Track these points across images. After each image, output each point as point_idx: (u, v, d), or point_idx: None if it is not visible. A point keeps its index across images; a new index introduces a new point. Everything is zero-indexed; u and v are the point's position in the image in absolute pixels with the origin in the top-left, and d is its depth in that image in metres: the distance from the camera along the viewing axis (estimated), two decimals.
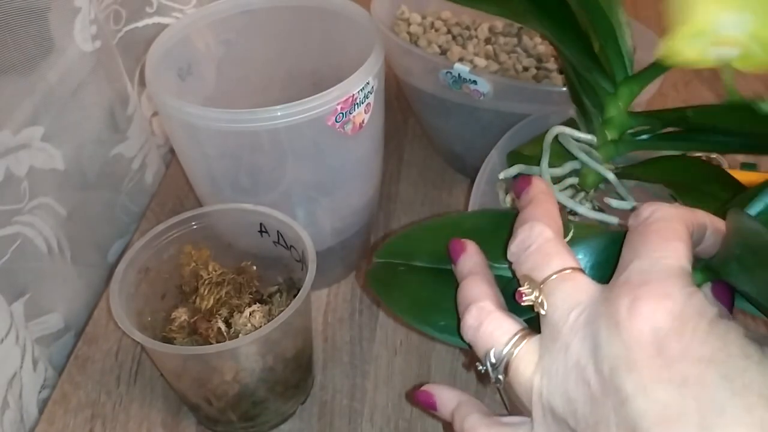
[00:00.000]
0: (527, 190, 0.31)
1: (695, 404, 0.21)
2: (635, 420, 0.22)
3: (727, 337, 0.23)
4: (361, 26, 0.49)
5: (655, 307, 0.23)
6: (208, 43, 0.52)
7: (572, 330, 0.25)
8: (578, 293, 0.26)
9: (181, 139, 0.47)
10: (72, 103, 0.50)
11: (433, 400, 0.32)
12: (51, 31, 0.47)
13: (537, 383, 0.26)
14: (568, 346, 0.25)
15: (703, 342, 0.22)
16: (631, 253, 0.26)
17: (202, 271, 0.45)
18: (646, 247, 0.25)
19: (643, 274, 0.24)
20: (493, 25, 0.65)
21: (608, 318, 0.24)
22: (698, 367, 0.22)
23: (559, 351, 0.25)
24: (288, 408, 0.46)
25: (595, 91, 0.38)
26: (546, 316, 0.26)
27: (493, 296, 0.29)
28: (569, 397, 0.24)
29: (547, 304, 0.26)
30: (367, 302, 0.53)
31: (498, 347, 0.27)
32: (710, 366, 0.22)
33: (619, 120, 0.37)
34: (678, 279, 0.24)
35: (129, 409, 0.47)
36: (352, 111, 0.43)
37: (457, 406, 0.31)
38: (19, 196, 0.45)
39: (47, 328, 0.50)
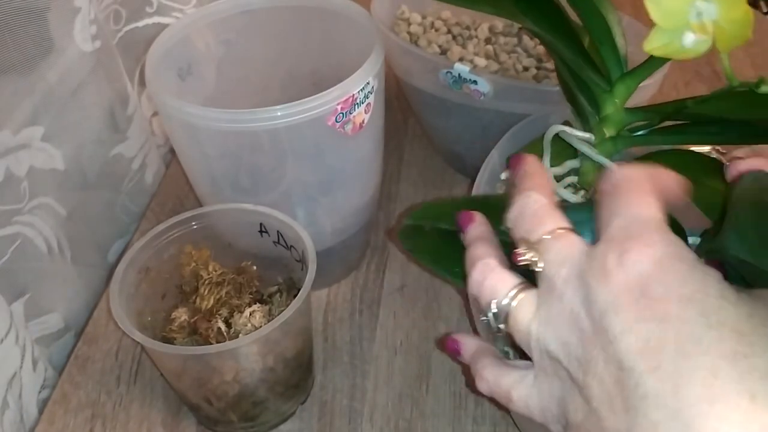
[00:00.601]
0: (521, 165, 0.34)
1: (674, 336, 0.23)
2: (621, 354, 0.24)
3: (705, 280, 0.25)
4: (361, 26, 0.49)
5: (640, 255, 0.25)
6: (208, 43, 0.52)
7: (565, 282, 0.27)
8: (569, 249, 0.28)
9: (181, 139, 0.47)
10: (72, 103, 0.50)
11: (458, 347, 0.35)
12: (51, 31, 0.47)
13: (534, 329, 0.28)
14: (561, 296, 0.27)
15: (682, 283, 0.25)
16: (608, 213, 0.28)
17: (202, 271, 0.45)
18: (622, 205, 0.28)
19: (626, 230, 0.27)
20: (494, 25, 0.65)
21: (598, 270, 0.26)
22: (678, 305, 0.24)
23: (554, 301, 0.28)
24: (288, 408, 0.46)
25: (590, 89, 0.38)
26: (541, 272, 0.29)
27: (496, 255, 0.32)
28: (564, 340, 0.27)
29: (542, 261, 0.29)
30: (367, 302, 0.53)
31: (499, 298, 0.30)
32: (689, 304, 0.24)
33: (616, 117, 0.37)
34: (657, 229, 0.26)
35: (129, 409, 0.47)
36: (353, 111, 0.43)
37: (475, 351, 0.34)
38: (19, 196, 0.45)
39: (47, 328, 0.50)
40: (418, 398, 0.47)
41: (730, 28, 0.28)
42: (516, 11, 0.37)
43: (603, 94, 0.37)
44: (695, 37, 0.28)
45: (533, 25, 0.36)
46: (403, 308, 0.53)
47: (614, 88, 0.37)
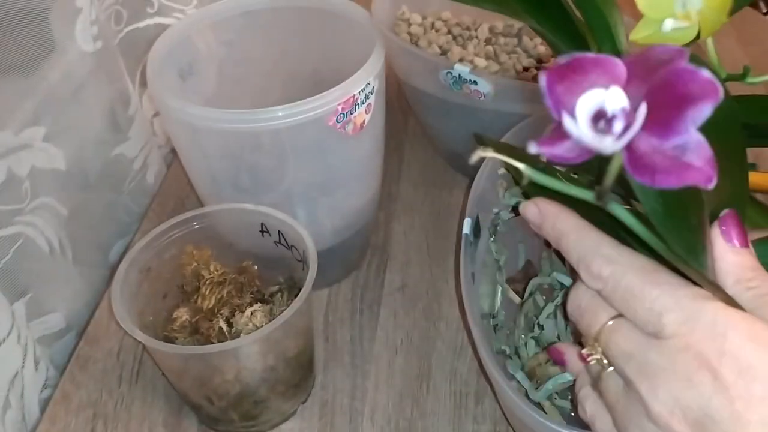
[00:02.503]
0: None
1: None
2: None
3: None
4: (362, 27, 0.49)
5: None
6: (209, 44, 0.52)
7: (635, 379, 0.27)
8: (628, 344, 0.28)
9: (182, 139, 0.47)
10: (73, 104, 0.50)
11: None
12: (52, 31, 0.47)
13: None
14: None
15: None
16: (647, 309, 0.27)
17: (203, 271, 0.46)
18: (654, 297, 0.27)
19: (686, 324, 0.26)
20: (494, 25, 0.65)
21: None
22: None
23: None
24: (289, 407, 0.46)
25: None
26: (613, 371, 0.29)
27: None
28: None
29: (606, 358, 0.29)
30: (367, 302, 0.53)
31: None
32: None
33: None
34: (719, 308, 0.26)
35: (130, 408, 0.47)
36: (353, 111, 0.43)
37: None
38: (20, 196, 0.45)
39: (49, 328, 0.50)
40: (418, 398, 0.47)
41: (711, 14, 0.28)
42: (519, 9, 0.37)
43: None
44: (675, 23, 0.29)
45: (536, 24, 0.36)
46: (403, 308, 0.53)
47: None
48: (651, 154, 0.20)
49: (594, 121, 0.21)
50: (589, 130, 0.21)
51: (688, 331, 0.25)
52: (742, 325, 0.25)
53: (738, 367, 0.24)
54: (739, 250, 0.28)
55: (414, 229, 0.59)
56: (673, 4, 0.29)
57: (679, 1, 0.29)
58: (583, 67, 0.22)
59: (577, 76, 0.22)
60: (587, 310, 0.30)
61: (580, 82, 0.21)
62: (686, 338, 0.25)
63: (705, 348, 0.25)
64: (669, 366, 0.26)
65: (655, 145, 0.20)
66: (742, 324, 0.25)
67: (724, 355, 0.24)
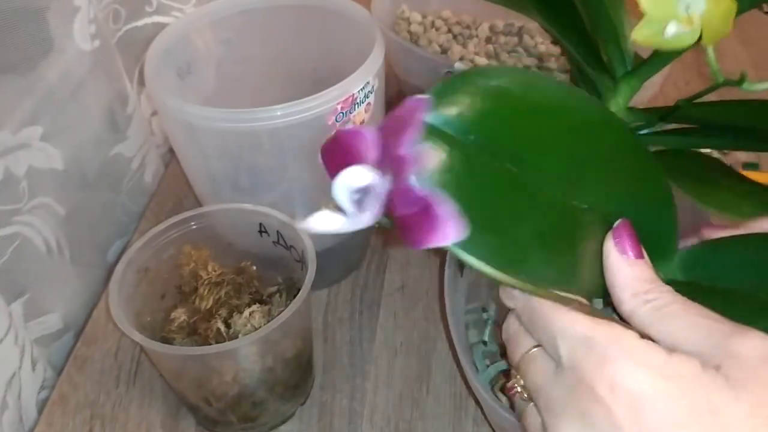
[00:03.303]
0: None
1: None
2: None
3: (699, 387, 0.23)
4: (362, 25, 0.49)
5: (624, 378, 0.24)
6: (208, 43, 0.52)
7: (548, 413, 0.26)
8: (537, 377, 0.27)
9: (180, 138, 0.47)
10: (71, 103, 0.50)
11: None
12: (50, 30, 0.47)
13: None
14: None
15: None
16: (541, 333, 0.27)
17: (201, 272, 0.45)
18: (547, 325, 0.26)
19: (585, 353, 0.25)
20: (494, 24, 0.65)
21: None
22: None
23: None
24: (288, 409, 0.46)
25: (596, 86, 0.37)
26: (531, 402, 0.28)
27: None
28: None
29: (525, 390, 0.28)
30: (367, 303, 0.53)
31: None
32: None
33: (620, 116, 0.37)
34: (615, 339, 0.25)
35: (128, 409, 0.47)
36: (353, 110, 0.43)
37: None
38: (18, 196, 0.45)
39: (46, 329, 0.50)
40: (418, 399, 0.47)
41: (714, 22, 0.28)
42: (527, 5, 0.37)
43: (607, 93, 0.37)
44: (678, 28, 0.28)
45: (543, 20, 0.36)
46: (403, 309, 0.53)
47: (618, 86, 0.37)
48: (403, 218, 0.21)
49: (351, 196, 0.22)
50: (349, 206, 0.22)
51: (581, 360, 0.24)
52: (633, 351, 0.24)
53: (629, 398, 0.23)
54: (634, 262, 0.27)
55: None
56: (676, 4, 0.28)
57: (683, 2, 0.28)
58: (343, 142, 0.22)
59: (341, 150, 0.22)
60: (512, 338, 0.29)
61: (343, 156, 0.22)
62: (580, 369, 0.24)
63: (596, 380, 0.24)
64: (568, 401, 0.25)
65: (403, 212, 0.21)
66: (633, 350, 0.24)
67: (614, 387, 0.23)
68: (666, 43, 0.29)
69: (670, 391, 0.23)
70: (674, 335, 0.25)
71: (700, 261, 0.29)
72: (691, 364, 0.23)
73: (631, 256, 0.27)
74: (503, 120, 0.26)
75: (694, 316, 0.25)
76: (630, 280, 0.26)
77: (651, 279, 0.26)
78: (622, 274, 0.26)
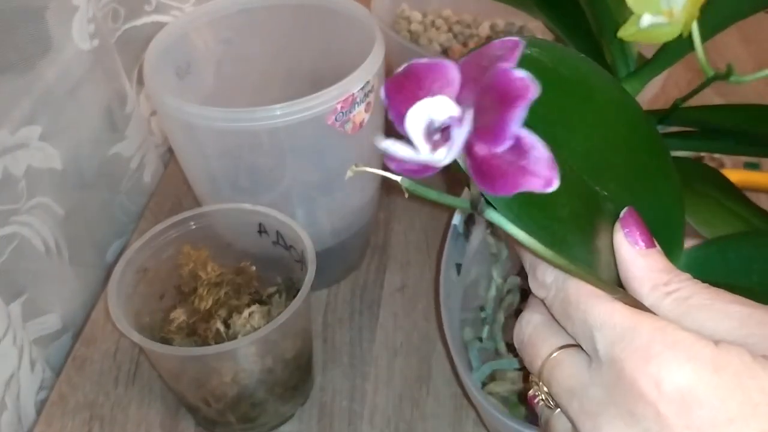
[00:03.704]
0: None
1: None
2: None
3: (750, 376, 0.22)
4: (362, 24, 0.49)
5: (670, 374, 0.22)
6: (207, 42, 0.52)
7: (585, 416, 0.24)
8: (570, 381, 0.25)
9: (179, 138, 0.47)
10: (70, 102, 0.50)
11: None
12: (49, 29, 0.46)
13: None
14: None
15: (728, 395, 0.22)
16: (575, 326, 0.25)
17: (200, 272, 0.45)
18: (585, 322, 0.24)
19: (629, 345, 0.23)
20: (495, 23, 0.65)
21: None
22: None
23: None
24: (287, 409, 0.46)
25: None
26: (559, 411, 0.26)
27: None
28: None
29: (550, 398, 0.26)
30: (367, 303, 0.53)
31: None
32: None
33: None
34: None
35: (127, 410, 0.47)
36: (352, 110, 0.43)
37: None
38: (16, 196, 0.45)
39: (45, 329, 0.50)
40: (418, 400, 0.47)
41: (690, 9, 0.28)
42: (531, 4, 0.36)
43: None
44: (653, 19, 0.28)
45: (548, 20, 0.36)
46: (403, 309, 0.53)
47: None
48: (489, 159, 0.19)
49: (427, 132, 0.20)
50: (423, 142, 0.19)
51: (621, 354, 0.22)
52: (679, 343, 0.22)
53: (678, 395, 0.21)
54: (647, 252, 0.25)
55: (414, 229, 0.59)
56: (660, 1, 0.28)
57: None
58: (417, 75, 0.21)
59: (413, 84, 0.21)
60: (529, 343, 0.27)
61: (415, 90, 0.20)
62: (620, 364, 0.22)
63: (640, 376, 0.22)
64: (608, 400, 0.23)
65: (490, 151, 0.19)
66: (679, 342, 0.22)
67: (661, 383, 0.21)
68: (647, 36, 0.29)
69: (722, 385, 0.21)
70: (706, 326, 0.23)
71: (707, 259, 0.29)
72: (740, 353, 0.22)
73: (642, 246, 0.25)
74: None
75: (723, 304, 0.23)
76: (646, 272, 0.25)
77: (667, 268, 0.25)
78: (637, 267, 0.25)
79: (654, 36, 0.29)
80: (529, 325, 0.27)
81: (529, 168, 0.19)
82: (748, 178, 0.57)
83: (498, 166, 0.19)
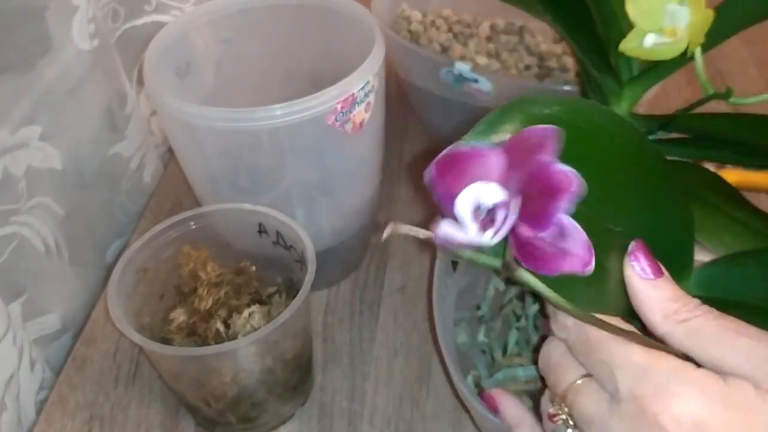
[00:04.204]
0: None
1: None
2: None
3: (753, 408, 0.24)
4: (362, 24, 0.49)
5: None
6: (207, 42, 0.52)
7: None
8: (591, 407, 0.27)
9: (179, 138, 0.47)
10: (70, 102, 0.50)
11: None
12: (49, 29, 0.46)
13: None
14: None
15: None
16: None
17: (200, 272, 0.45)
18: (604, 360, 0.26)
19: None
20: (495, 23, 0.65)
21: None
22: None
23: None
24: (287, 410, 0.46)
25: (601, 89, 0.37)
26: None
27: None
28: None
29: (572, 419, 0.28)
30: (367, 303, 0.53)
31: None
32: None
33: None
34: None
35: (127, 410, 0.47)
36: (352, 110, 0.43)
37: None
38: (16, 196, 0.45)
39: (45, 329, 0.50)
40: (418, 400, 0.47)
41: (695, 30, 0.28)
42: (536, 4, 0.36)
43: (612, 96, 0.37)
44: (657, 39, 0.28)
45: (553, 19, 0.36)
46: (403, 309, 0.53)
47: (623, 91, 0.36)
48: (532, 241, 0.21)
49: (475, 215, 0.21)
50: (472, 223, 0.21)
51: (641, 391, 0.25)
52: (693, 382, 0.24)
53: (695, 428, 0.24)
54: (656, 283, 0.27)
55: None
56: (662, 16, 0.28)
57: (668, 14, 0.28)
58: (461, 160, 0.22)
59: (458, 168, 0.22)
60: (557, 366, 0.29)
61: (461, 175, 0.22)
62: (641, 401, 0.25)
63: (659, 412, 0.24)
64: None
65: (533, 234, 0.21)
66: (694, 381, 0.24)
67: (679, 418, 0.24)
68: (649, 53, 0.29)
69: (731, 421, 0.24)
70: (716, 358, 0.25)
71: (714, 277, 0.30)
72: (745, 390, 0.24)
73: (651, 277, 0.27)
74: None
75: (731, 338, 0.25)
76: (656, 302, 0.26)
77: (676, 296, 0.27)
78: (648, 297, 0.27)
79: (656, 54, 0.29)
80: (557, 350, 0.29)
81: (569, 252, 0.21)
82: (747, 178, 0.57)
83: (541, 248, 0.21)
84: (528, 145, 0.21)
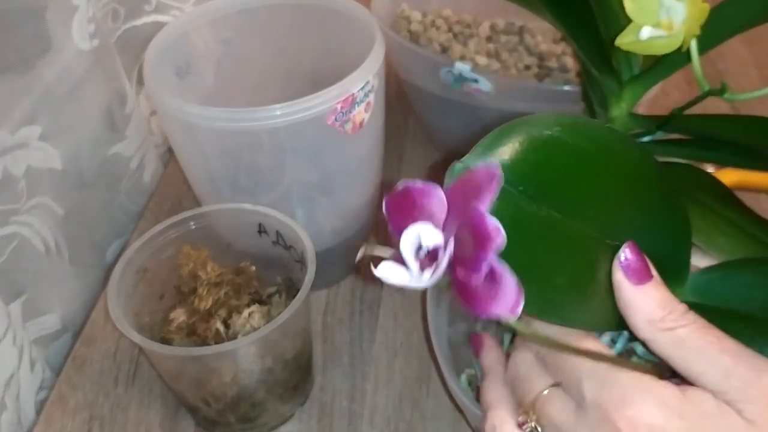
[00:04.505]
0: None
1: None
2: None
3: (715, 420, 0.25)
4: (362, 24, 0.49)
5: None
6: (207, 42, 0.52)
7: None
8: (560, 415, 0.28)
9: (179, 138, 0.47)
10: (70, 102, 0.50)
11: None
12: (49, 29, 0.46)
13: None
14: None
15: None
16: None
17: (200, 272, 0.45)
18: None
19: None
20: (495, 23, 0.64)
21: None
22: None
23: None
24: (287, 410, 0.46)
25: (602, 89, 0.37)
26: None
27: (507, 400, 0.32)
28: None
29: (541, 426, 0.29)
30: (367, 303, 0.53)
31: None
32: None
33: (622, 120, 0.37)
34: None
35: (127, 410, 0.47)
36: (352, 110, 0.43)
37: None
38: (16, 196, 0.45)
39: (45, 329, 0.50)
40: (418, 400, 0.47)
41: (691, 24, 0.28)
42: (538, 3, 0.36)
43: (612, 96, 0.37)
44: (652, 32, 0.28)
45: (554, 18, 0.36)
46: (403, 309, 0.53)
47: (623, 91, 0.36)
48: (467, 283, 0.22)
49: (417, 253, 0.22)
50: (413, 261, 0.22)
51: (605, 400, 0.26)
52: (650, 391, 0.25)
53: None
54: (644, 288, 0.27)
55: None
56: (659, 10, 0.28)
57: (664, 8, 0.28)
58: (411, 197, 0.23)
59: (408, 205, 0.23)
60: (525, 377, 0.30)
61: (409, 211, 0.23)
62: (604, 408, 0.26)
63: (619, 419, 0.25)
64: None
65: (467, 277, 0.22)
66: (651, 390, 0.26)
67: (636, 425, 0.25)
68: (646, 47, 0.29)
69: (685, 427, 0.25)
70: (695, 372, 0.26)
71: (710, 285, 0.30)
72: (704, 401, 0.25)
73: (639, 278, 0.27)
74: (553, 169, 0.26)
75: (713, 354, 0.26)
76: (644, 305, 0.27)
77: (663, 302, 0.27)
78: (634, 302, 0.27)
79: (652, 47, 0.29)
80: (524, 362, 0.31)
81: (498, 296, 0.22)
82: (746, 178, 0.57)
83: (473, 290, 0.22)
84: (469, 188, 0.22)
